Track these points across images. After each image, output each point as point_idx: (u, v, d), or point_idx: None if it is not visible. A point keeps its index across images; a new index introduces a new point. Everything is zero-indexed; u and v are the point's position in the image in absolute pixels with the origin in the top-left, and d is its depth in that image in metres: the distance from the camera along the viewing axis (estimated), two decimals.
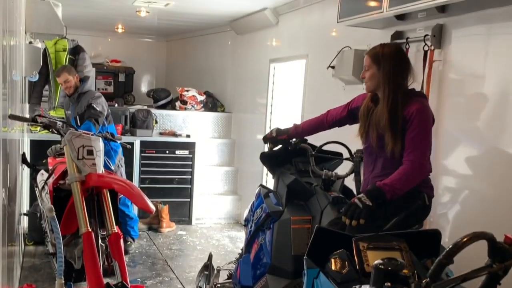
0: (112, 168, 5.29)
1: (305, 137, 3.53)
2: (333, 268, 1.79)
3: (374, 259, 1.52)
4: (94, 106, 5.15)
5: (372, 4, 3.67)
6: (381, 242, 1.71)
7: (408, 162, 2.71)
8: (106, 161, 5.17)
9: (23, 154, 4.69)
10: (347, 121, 3.26)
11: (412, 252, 1.82)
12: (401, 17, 3.62)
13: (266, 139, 3.56)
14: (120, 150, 5.50)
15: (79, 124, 5.17)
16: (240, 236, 6.31)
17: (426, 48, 3.52)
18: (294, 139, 3.50)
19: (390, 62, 2.81)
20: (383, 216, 2.72)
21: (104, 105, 5.29)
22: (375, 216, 2.63)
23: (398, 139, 2.76)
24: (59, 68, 5.47)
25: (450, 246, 1.32)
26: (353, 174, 3.37)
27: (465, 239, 1.34)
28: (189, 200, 6.86)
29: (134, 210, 5.78)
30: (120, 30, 8.68)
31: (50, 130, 3.73)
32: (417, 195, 2.83)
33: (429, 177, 2.93)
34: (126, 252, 5.32)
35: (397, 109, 2.77)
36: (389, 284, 1.37)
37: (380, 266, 1.40)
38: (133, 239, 5.71)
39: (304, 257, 1.86)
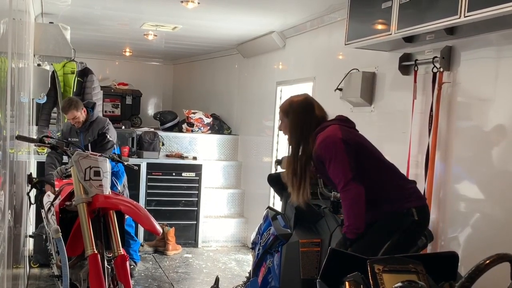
0: (119, 188, 5.26)
1: None
2: None
3: (390, 282, 1.47)
4: (108, 136, 5.10)
5: (380, 26, 3.67)
6: (397, 265, 1.66)
7: (340, 194, 2.79)
8: (113, 181, 5.16)
9: (30, 175, 4.67)
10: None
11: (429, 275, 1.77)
12: (409, 39, 3.61)
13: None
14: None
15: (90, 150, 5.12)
16: (247, 259, 6.24)
17: (435, 70, 3.51)
18: None
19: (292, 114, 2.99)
20: (369, 245, 2.69)
21: (114, 131, 5.30)
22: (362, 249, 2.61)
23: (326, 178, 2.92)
24: (65, 105, 5.06)
25: (473, 269, 1.27)
26: None
27: (488, 261, 1.29)
28: (195, 222, 6.81)
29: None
30: (127, 54, 8.77)
31: (58, 151, 3.73)
32: (404, 213, 2.77)
33: (407, 187, 2.87)
34: (131, 276, 5.23)
35: (308, 154, 2.89)
36: None
37: None
38: (136, 263, 5.62)
39: (318, 280, 1.81)
